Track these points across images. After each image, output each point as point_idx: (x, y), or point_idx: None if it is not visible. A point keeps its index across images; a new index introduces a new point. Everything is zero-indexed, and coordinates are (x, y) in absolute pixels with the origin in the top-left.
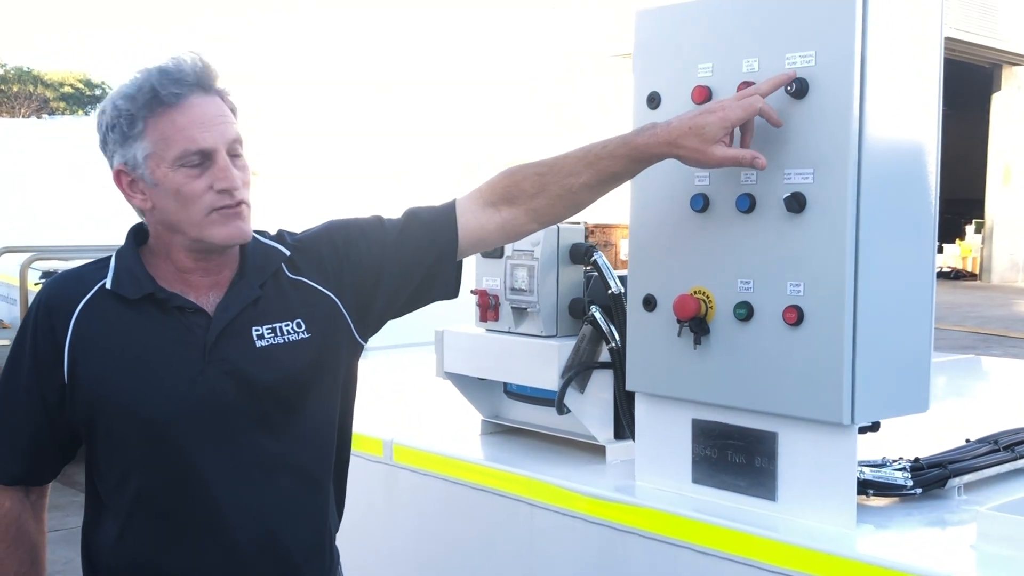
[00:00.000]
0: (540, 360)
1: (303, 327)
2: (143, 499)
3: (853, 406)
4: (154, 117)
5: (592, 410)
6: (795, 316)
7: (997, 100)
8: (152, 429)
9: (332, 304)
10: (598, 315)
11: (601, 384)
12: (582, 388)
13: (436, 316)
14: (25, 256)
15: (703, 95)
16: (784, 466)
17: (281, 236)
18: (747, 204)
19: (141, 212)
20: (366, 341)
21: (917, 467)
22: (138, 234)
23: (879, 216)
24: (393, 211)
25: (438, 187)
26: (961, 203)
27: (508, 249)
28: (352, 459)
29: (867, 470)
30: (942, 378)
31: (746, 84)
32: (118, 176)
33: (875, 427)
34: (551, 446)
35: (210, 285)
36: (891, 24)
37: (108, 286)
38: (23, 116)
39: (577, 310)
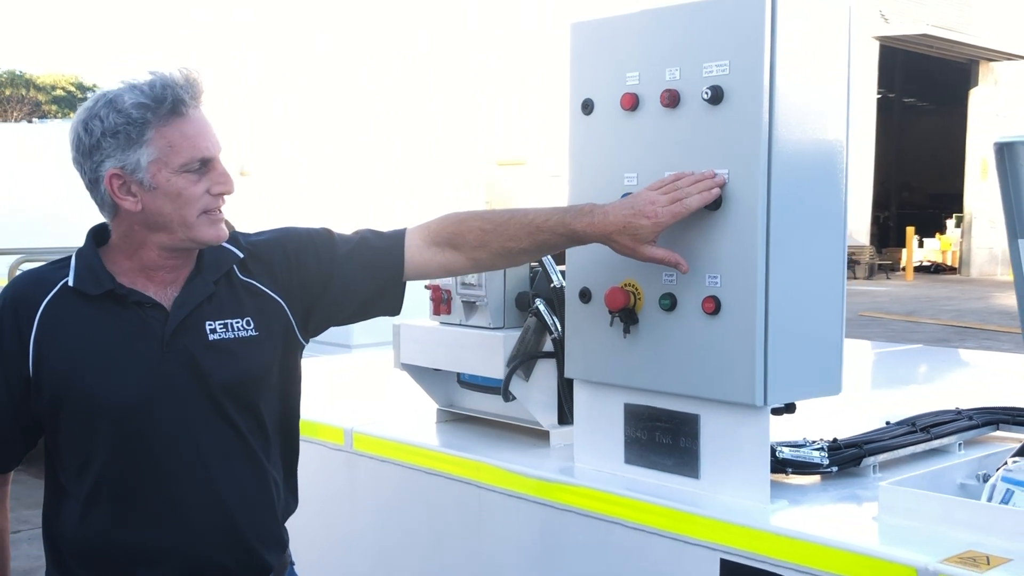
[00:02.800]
0: (488, 350)
1: (252, 325)
2: (105, 484)
3: (766, 389)
4: (165, 126)
5: (538, 397)
6: (713, 306)
7: (975, 95)
8: (113, 417)
9: (279, 306)
10: (542, 307)
11: (546, 373)
12: (527, 376)
13: None
14: (14, 258)
15: (631, 101)
16: (706, 446)
17: (235, 238)
18: None
19: (113, 214)
20: (307, 341)
21: (834, 447)
22: (97, 235)
23: (789, 212)
24: (398, 210)
25: (443, 187)
26: (941, 197)
27: None
28: (315, 447)
29: (787, 450)
30: (894, 367)
31: (668, 91)
32: (110, 179)
33: (791, 409)
34: (501, 432)
35: (169, 281)
36: (799, 34)
37: (70, 283)
38: (15, 120)
39: (523, 303)
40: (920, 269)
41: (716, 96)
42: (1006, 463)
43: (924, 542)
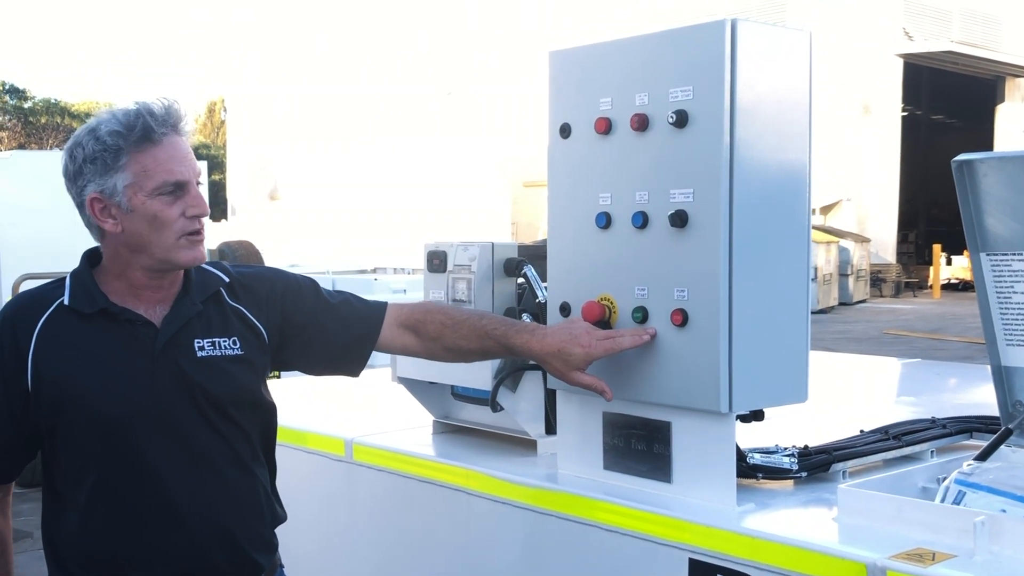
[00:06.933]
0: (476, 364)
1: (238, 344)
2: (101, 492)
3: (731, 396)
4: (139, 152)
5: (525, 408)
6: (681, 318)
7: (1001, 112)
8: (108, 427)
9: (260, 335)
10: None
11: (533, 385)
12: (514, 388)
13: None
14: (17, 276)
15: (604, 125)
16: (677, 451)
17: (221, 266)
18: (641, 221)
19: (100, 236)
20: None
21: (804, 453)
22: (91, 257)
23: (752, 229)
24: (423, 233)
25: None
26: None
27: (450, 264)
28: (316, 458)
29: (758, 455)
30: (893, 379)
31: (638, 116)
32: (91, 203)
33: (758, 416)
34: (493, 442)
35: (157, 300)
36: (759, 60)
37: (66, 302)
38: (50, 147)
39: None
40: (948, 287)
41: (681, 120)
42: (963, 466)
43: (877, 540)
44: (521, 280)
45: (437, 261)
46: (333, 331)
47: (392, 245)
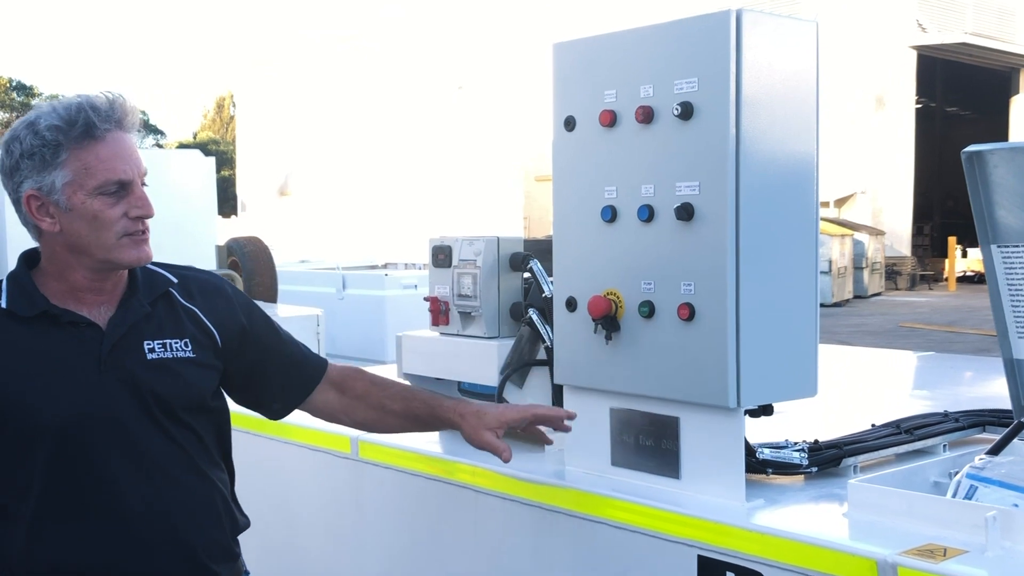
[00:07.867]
0: (482, 359)
1: (189, 347)
2: (48, 504)
3: (739, 391)
4: (80, 149)
5: (532, 403)
6: (687, 312)
7: (1016, 103)
8: (53, 436)
9: (213, 336)
10: (535, 317)
11: (540, 380)
12: (521, 384)
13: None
14: None
15: (609, 118)
16: (685, 447)
17: (168, 266)
18: (646, 214)
19: (37, 236)
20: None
21: (815, 448)
22: (28, 259)
23: (759, 222)
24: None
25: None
26: None
27: (455, 259)
28: (322, 455)
29: (768, 451)
30: (907, 373)
31: (643, 108)
32: (28, 200)
33: (767, 411)
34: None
35: (101, 302)
36: (765, 53)
37: (3, 305)
38: None
39: (517, 313)
40: (964, 279)
41: (686, 112)
42: (975, 461)
43: (888, 536)
44: (527, 275)
45: (442, 256)
46: (278, 365)
47: (402, 240)
